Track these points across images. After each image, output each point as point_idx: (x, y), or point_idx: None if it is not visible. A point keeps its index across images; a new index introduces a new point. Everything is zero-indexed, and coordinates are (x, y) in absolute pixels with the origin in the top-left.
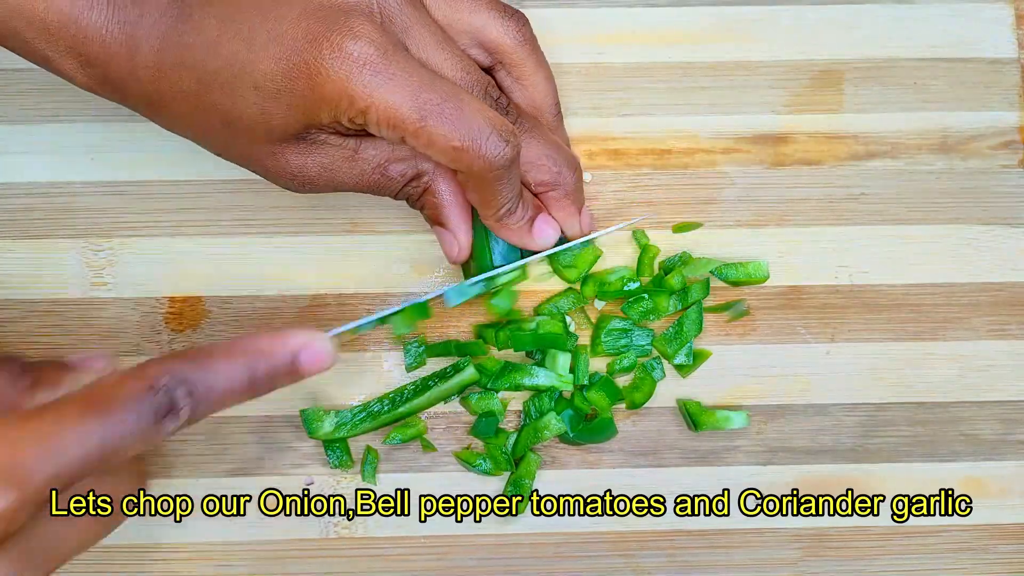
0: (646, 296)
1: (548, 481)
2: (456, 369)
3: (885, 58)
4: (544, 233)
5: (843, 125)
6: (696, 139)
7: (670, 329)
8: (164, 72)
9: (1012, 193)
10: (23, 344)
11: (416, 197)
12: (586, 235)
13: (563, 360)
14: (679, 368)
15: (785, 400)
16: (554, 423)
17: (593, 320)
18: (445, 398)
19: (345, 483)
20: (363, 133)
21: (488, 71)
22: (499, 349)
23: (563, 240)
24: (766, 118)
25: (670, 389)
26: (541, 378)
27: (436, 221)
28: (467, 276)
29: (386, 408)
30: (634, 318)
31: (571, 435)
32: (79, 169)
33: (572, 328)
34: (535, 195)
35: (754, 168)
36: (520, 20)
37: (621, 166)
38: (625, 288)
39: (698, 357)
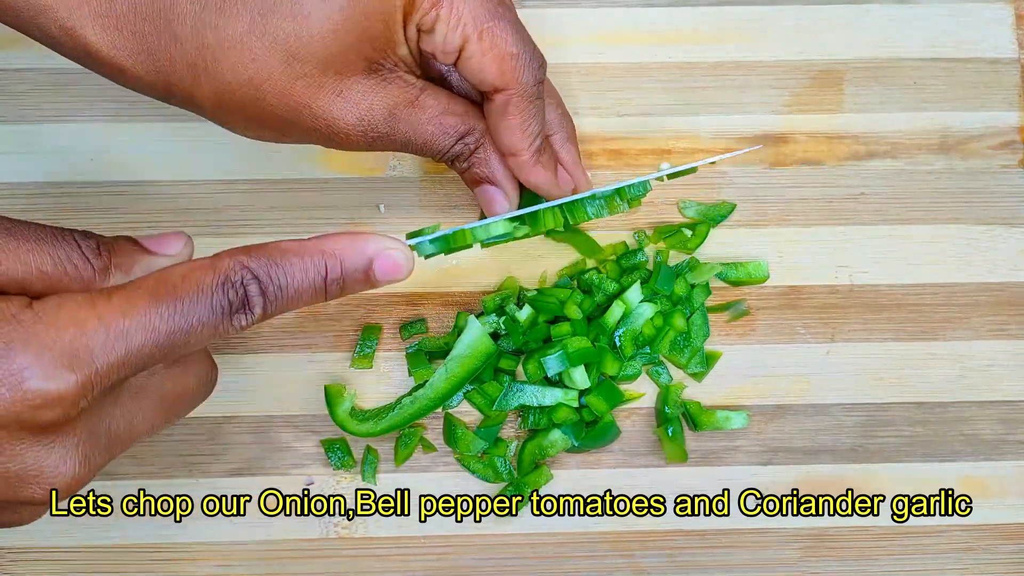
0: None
1: (548, 481)
2: (457, 331)
3: (885, 58)
4: (565, 176)
5: (843, 125)
6: (696, 139)
7: (679, 339)
8: (208, 16)
9: (1012, 193)
10: None
11: (467, 155)
12: (588, 188)
13: (579, 373)
14: (694, 376)
15: (785, 400)
16: (560, 440)
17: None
18: (471, 373)
19: (345, 483)
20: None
21: None
22: (528, 375)
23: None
24: (766, 118)
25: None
26: (548, 399)
27: (485, 179)
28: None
29: (410, 400)
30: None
31: (576, 445)
32: (79, 169)
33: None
34: None
35: (754, 168)
36: None
37: (621, 166)
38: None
39: (709, 359)
